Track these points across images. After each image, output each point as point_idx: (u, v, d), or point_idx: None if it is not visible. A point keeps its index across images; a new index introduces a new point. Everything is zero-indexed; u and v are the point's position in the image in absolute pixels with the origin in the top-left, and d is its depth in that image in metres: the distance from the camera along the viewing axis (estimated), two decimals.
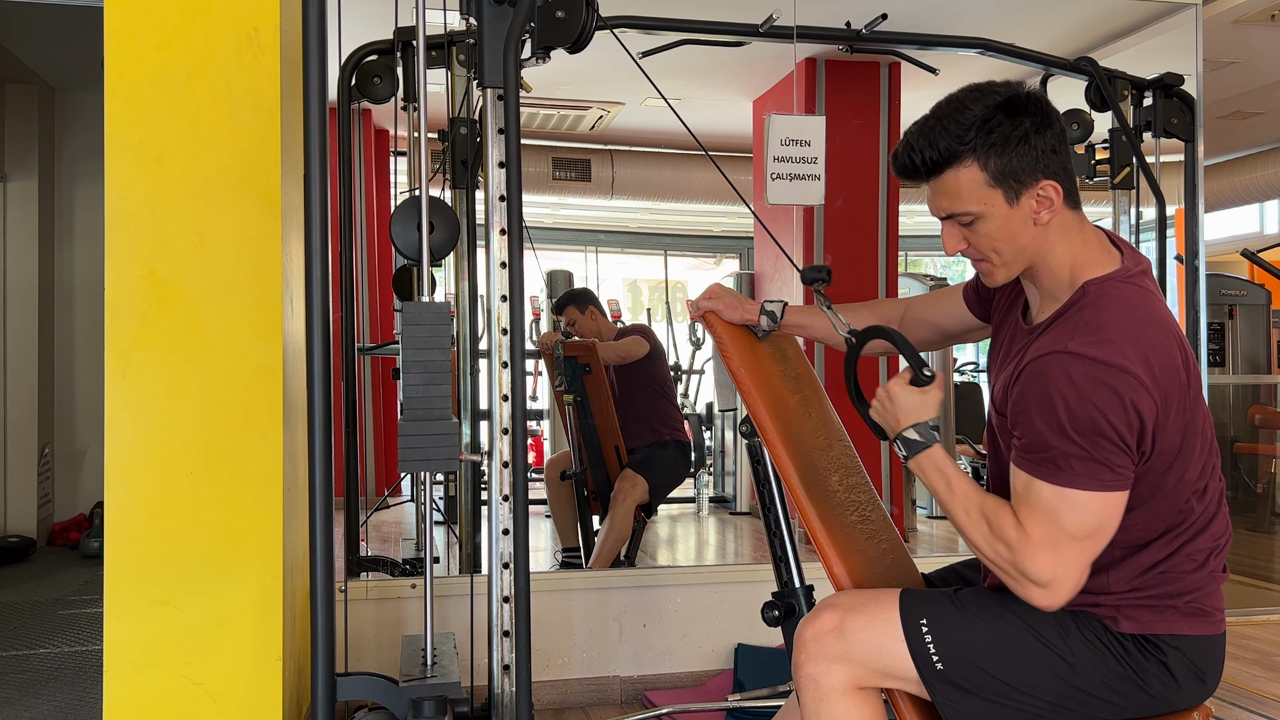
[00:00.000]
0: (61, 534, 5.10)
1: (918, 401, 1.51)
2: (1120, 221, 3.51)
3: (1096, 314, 1.40)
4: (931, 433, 1.50)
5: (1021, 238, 1.46)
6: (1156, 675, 1.45)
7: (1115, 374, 1.34)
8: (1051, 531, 1.36)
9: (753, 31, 3.19)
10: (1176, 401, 1.39)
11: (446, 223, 2.08)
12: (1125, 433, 1.34)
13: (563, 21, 2.08)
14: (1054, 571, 1.36)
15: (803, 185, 3.21)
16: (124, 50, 1.89)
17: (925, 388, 1.51)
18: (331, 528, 1.76)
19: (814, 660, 1.50)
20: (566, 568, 3.93)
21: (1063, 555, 1.36)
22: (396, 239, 2.05)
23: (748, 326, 1.81)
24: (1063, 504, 1.36)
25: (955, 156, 1.43)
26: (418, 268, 2.12)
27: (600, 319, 4.11)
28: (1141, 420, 1.35)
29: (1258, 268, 4.44)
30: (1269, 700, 2.88)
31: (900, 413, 1.51)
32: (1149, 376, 1.35)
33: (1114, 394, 1.34)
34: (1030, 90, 1.46)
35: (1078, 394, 1.34)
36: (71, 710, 2.69)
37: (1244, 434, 5.57)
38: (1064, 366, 1.36)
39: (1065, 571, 1.37)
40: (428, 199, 2.06)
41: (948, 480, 1.47)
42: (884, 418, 1.54)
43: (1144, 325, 1.39)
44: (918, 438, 1.50)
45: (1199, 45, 3.66)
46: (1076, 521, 1.36)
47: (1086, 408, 1.34)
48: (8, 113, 5.08)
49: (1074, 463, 1.35)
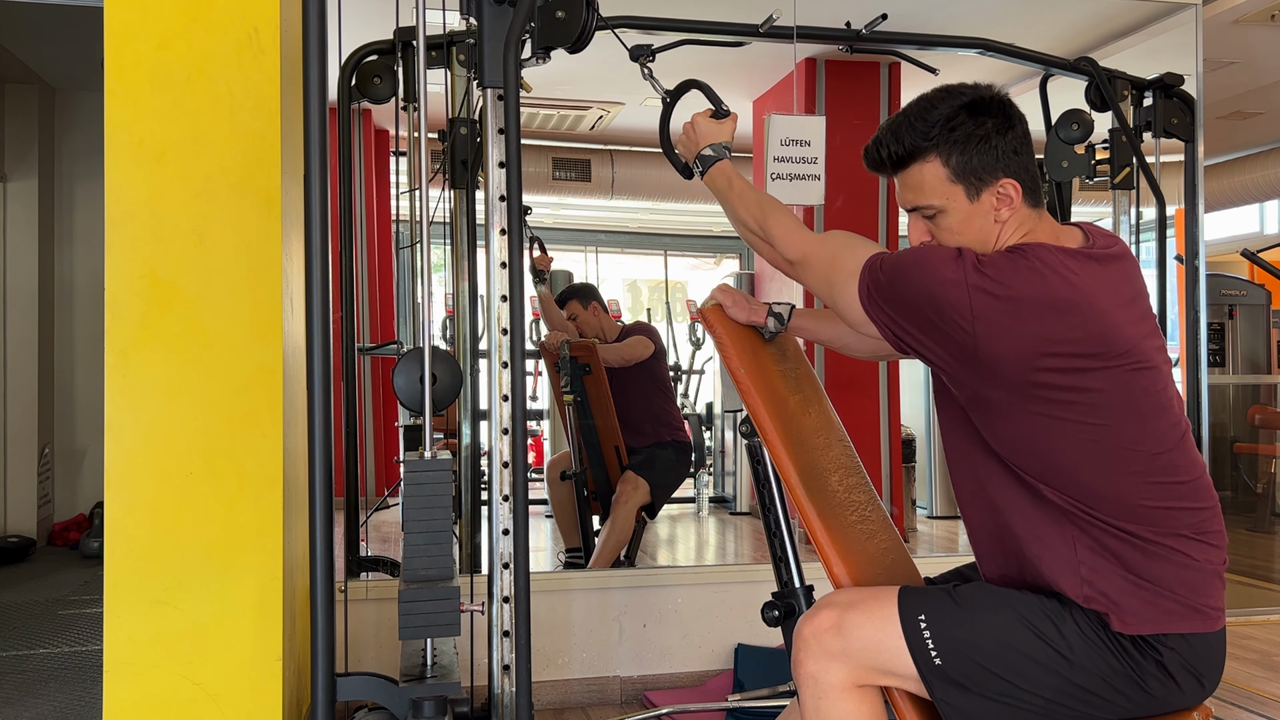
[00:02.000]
0: (61, 534, 5.10)
1: (715, 128, 1.86)
2: (1120, 221, 3.51)
3: (1000, 255, 1.47)
4: (723, 149, 1.84)
5: (980, 232, 1.53)
6: (1155, 675, 1.45)
7: (957, 287, 1.41)
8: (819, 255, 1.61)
9: (753, 31, 3.19)
10: (1017, 366, 1.41)
11: (449, 372, 2.10)
12: (913, 316, 1.45)
13: (563, 21, 2.08)
14: (799, 262, 1.64)
15: (803, 185, 3.21)
16: (124, 50, 1.89)
17: (722, 120, 1.87)
18: (331, 528, 1.76)
19: (813, 658, 1.50)
20: (570, 568, 3.93)
21: (809, 265, 1.62)
22: (399, 391, 2.07)
23: (754, 327, 1.82)
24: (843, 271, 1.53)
25: (919, 152, 1.53)
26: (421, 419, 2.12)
27: (603, 315, 4.11)
28: (940, 309, 1.42)
29: (1258, 268, 4.44)
30: (1269, 700, 2.88)
31: (700, 137, 1.86)
32: (981, 316, 1.40)
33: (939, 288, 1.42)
34: (996, 93, 1.54)
35: (926, 251, 1.49)
36: (71, 710, 2.69)
37: (1244, 434, 5.57)
38: (945, 250, 1.48)
39: (801, 272, 1.64)
40: (430, 350, 2.06)
41: (729, 180, 1.80)
42: (687, 145, 1.89)
43: (1029, 286, 1.42)
44: (712, 154, 1.84)
45: (1199, 45, 3.66)
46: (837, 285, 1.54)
47: (919, 274, 1.45)
48: (8, 113, 5.08)
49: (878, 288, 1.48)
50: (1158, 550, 1.45)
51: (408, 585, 2.00)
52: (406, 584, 2.01)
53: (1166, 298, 3.59)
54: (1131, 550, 1.45)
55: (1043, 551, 1.48)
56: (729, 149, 1.83)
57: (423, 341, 2.09)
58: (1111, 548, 1.45)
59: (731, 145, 1.84)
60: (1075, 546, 1.46)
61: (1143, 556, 1.45)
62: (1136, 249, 3.55)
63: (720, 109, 1.88)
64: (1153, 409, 1.47)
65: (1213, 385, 4.58)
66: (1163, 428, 1.48)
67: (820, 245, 1.62)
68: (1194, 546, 1.47)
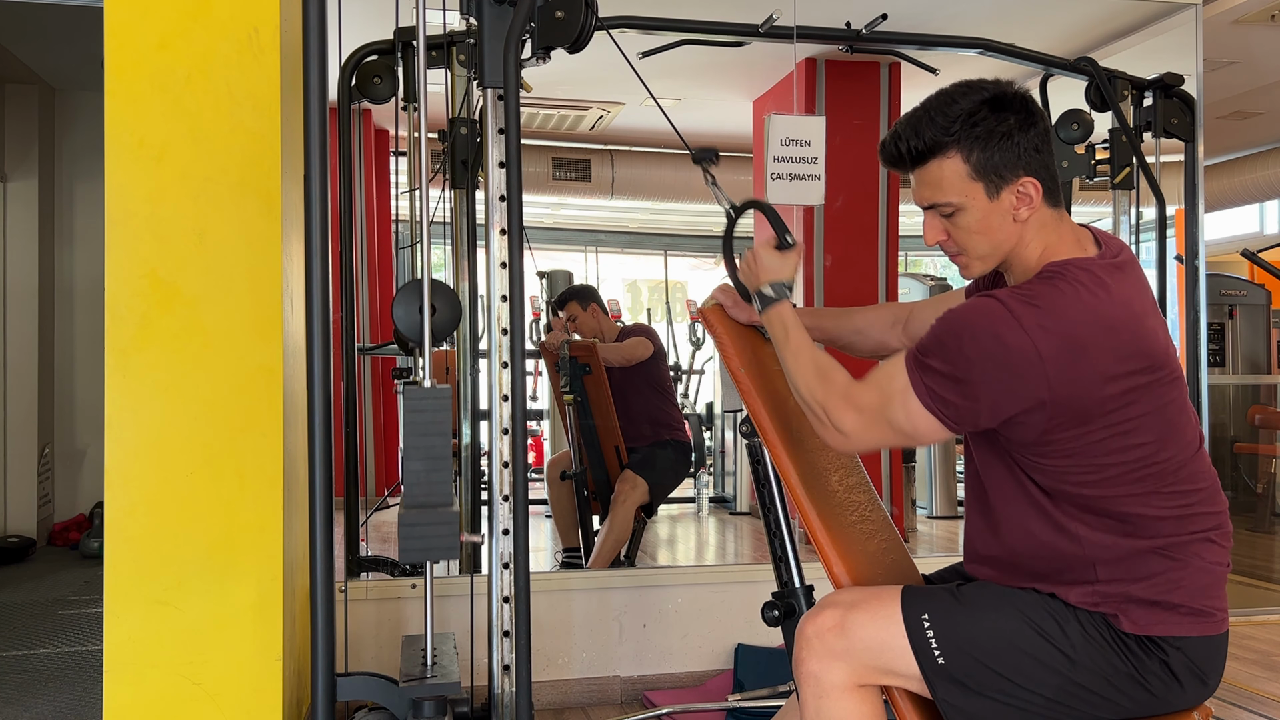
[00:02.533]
0: (61, 534, 5.10)
1: (778, 263, 1.68)
2: (1120, 221, 3.51)
3: (1041, 285, 1.43)
4: (784, 290, 1.68)
5: (999, 232, 1.49)
6: (1158, 674, 1.45)
7: (1017, 335, 1.36)
8: (875, 407, 1.47)
9: (753, 31, 3.19)
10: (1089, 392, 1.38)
11: (449, 304, 2.09)
12: (992, 386, 1.38)
13: (563, 21, 2.08)
14: (855, 432, 1.49)
15: (803, 185, 3.21)
16: (124, 50, 1.89)
17: (786, 252, 1.70)
18: (331, 528, 1.76)
19: (815, 657, 1.50)
20: (567, 568, 3.93)
21: (869, 428, 1.48)
22: (398, 321, 2.06)
23: (755, 327, 1.82)
24: (901, 399, 1.44)
25: (939, 147, 1.47)
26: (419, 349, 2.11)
27: (602, 317, 4.11)
28: (1015, 391, 1.37)
29: (1258, 268, 4.44)
30: (1269, 700, 2.88)
31: (761, 271, 1.68)
32: (1051, 354, 1.36)
33: (1005, 350, 1.36)
34: (1018, 89, 1.49)
35: (972, 328, 1.39)
36: (71, 710, 2.69)
37: (1244, 434, 5.56)
38: (984, 305, 1.41)
39: (863, 439, 1.50)
40: (430, 282, 2.06)
41: (786, 329, 1.63)
42: (747, 276, 1.71)
43: (1080, 311, 1.39)
44: (772, 294, 1.67)
45: (1199, 45, 3.66)
46: (898, 418, 1.45)
47: (978, 346, 1.38)
48: (8, 113, 5.08)
49: (934, 379, 1.41)
50: (1177, 554, 1.45)
51: (407, 510, 1.99)
52: (407, 509, 1.99)
53: (1166, 298, 3.59)
54: (1151, 556, 1.45)
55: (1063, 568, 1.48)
56: (790, 289, 1.68)
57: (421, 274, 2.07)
58: (1132, 561, 1.46)
59: (794, 282, 1.71)
60: (1096, 569, 1.47)
61: (1161, 560, 1.45)
62: (1136, 249, 3.55)
63: (785, 239, 1.70)
64: (1181, 419, 1.47)
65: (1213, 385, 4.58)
66: (1189, 435, 1.48)
67: (865, 392, 1.49)
68: (1209, 549, 1.48)
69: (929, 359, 1.42)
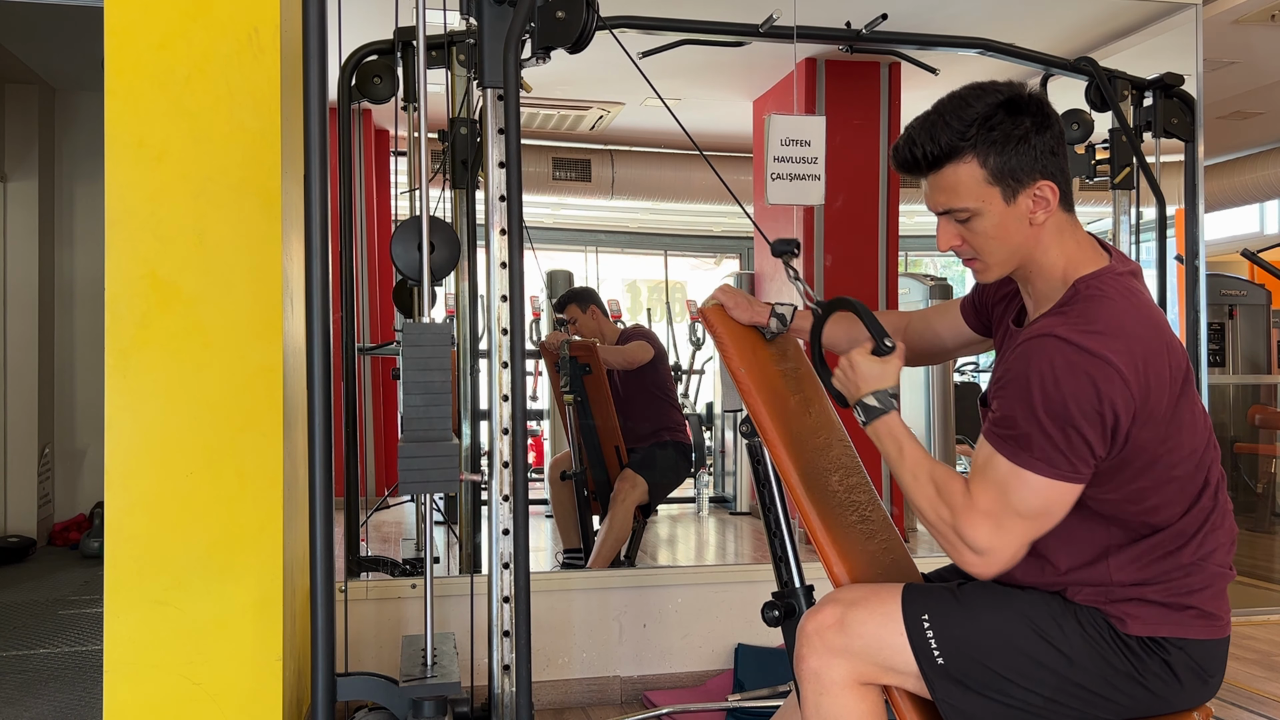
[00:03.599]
0: (61, 534, 5.10)
1: (878, 370, 1.55)
2: (1120, 221, 3.51)
3: (1089, 306, 1.41)
4: (889, 400, 1.55)
5: (1015, 237, 1.47)
6: (1158, 674, 1.45)
7: (1097, 364, 1.35)
8: (998, 504, 1.39)
9: (753, 31, 3.19)
10: (1157, 402, 1.39)
11: (447, 243, 2.08)
12: (1095, 424, 1.35)
13: (563, 21, 2.08)
14: (991, 542, 1.40)
15: (803, 185, 3.21)
16: (124, 50, 1.88)
17: (885, 357, 1.56)
18: (331, 528, 1.76)
19: (815, 654, 1.50)
20: (568, 568, 3.93)
21: (1003, 529, 1.39)
22: (397, 259, 2.05)
23: (755, 327, 1.81)
24: (1015, 481, 1.38)
25: (955, 152, 1.45)
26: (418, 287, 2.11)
27: (601, 319, 4.11)
28: (1116, 416, 1.36)
29: (1258, 268, 4.44)
30: (1269, 700, 2.88)
31: (861, 380, 1.56)
32: (1132, 373, 1.35)
33: (1092, 384, 1.34)
34: (1032, 91, 1.48)
35: (1055, 378, 1.35)
36: (71, 710, 2.69)
37: (1244, 434, 5.56)
38: (1047, 349, 1.37)
39: (1003, 544, 1.40)
40: (428, 219, 2.05)
41: (899, 445, 1.52)
42: (845, 385, 1.59)
43: (1135, 323, 1.40)
44: (876, 404, 1.55)
45: (1199, 45, 3.66)
46: (1024, 501, 1.38)
47: (1061, 393, 1.35)
48: (8, 113, 5.08)
49: (1036, 445, 1.36)
50: (1184, 554, 1.46)
51: (407, 443, 1.98)
52: (405, 442, 1.99)
53: (1167, 298, 3.59)
54: (1160, 556, 1.46)
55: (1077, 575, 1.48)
56: (896, 399, 1.57)
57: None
58: (1145, 565, 1.46)
59: (898, 390, 1.64)
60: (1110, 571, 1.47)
61: (1167, 560, 1.46)
62: (1137, 249, 3.56)
63: (884, 345, 1.56)
64: (1195, 418, 1.47)
65: (1213, 385, 4.59)
66: (1199, 439, 1.48)
67: (983, 493, 1.41)
68: (1215, 548, 1.48)
69: (1017, 428, 1.37)
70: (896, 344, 1.57)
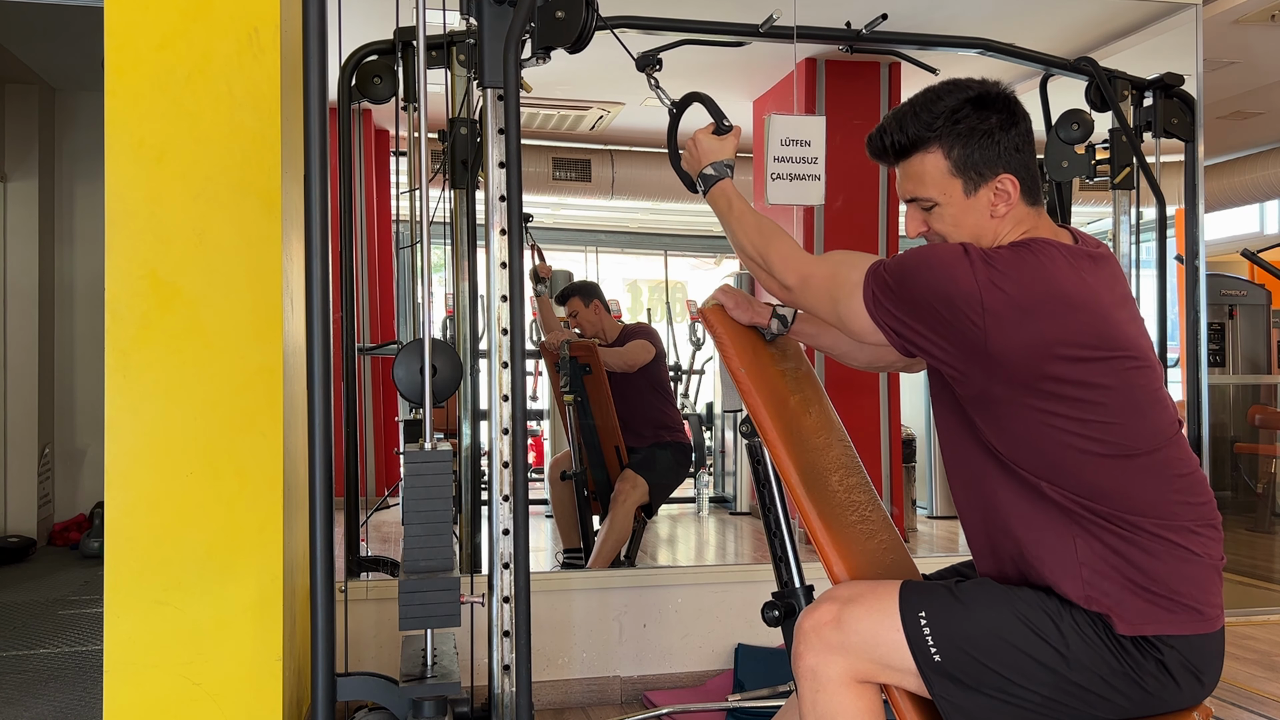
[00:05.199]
0: (61, 534, 5.10)
1: (717, 145, 1.81)
2: (1120, 221, 3.51)
3: (1006, 249, 1.48)
4: (725, 169, 1.80)
5: (976, 227, 1.55)
6: (1153, 673, 1.45)
7: (967, 279, 1.42)
8: (822, 279, 1.57)
9: (753, 31, 3.19)
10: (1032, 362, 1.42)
11: (449, 365, 2.10)
12: (926, 316, 1.44)
13: (563, 21, 2.08)
14: (797, 290, 1.60)
15: (803, 185, 3.21)
16: (124, 50, 1.89)
17: (724, 136, 1.83)
18: (331, 528, 1.76)
19: (812, 651, 1.51)
20: (568, 568, 3.93)
21: (810, 291, 1.59)
22: (399, 382, 2.07)
23: (755, 327, 1.81)
24: (847, 289, 1.51)
25: (922, 142, 1.54)
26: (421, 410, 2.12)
27: (603, 315, 4.11)
28: (951, 304, 1.42)
29: (1258, 268, 4.44)
30: (1269, 700, 2.88)
31: (702, 154, 1.81)
32: (992, 312, 1.40)
33: (950, 285, 1.42)
34: (1003, 89, 1.55)
35: (931, 261, 1.46)
36: (71, 710, 2.69)
37: (1244, 434, 5.56)
38: (951, 246, 1.49)
39: (804, 299, 1.60)
40: (430, 341, 2.06)
41: (729, 200, 1.76)
42: (690, 161, 1.84)
43: (1035, 283, 1.43)
44: (713, 173, 1.80)
45: (1199, 45, 3.66)
46: (841, 303, 1.52)
47: (928, 271, 1.45)
48: (8, 113, 5.08)
49: (884, 290, 1.47)
50: (1159, 546, 1.46)
51: (408, 576, 2.00)
52: (407, 575, 2.01)
53: (1166, 298, 3.59)
54: (1133, 548, 1.45)
55: (1044, 554, 1.49)
56: (731, 167, 1.81)
57: (423, 334, 2.09)
58: (1113, 546, 1.46)
59: (734, 162, 1.82)
60: (1075, 547, 1.47)
61: (1145, 554, 1.45)
62: (1136, 249, 3.56)
63: (722, 124, 1.84)
64: (1150, 404, 1.49)
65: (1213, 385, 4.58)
66: (1160, 423, 1.49)
67: (819, 265, 1.60)
68: (1195, 540, 1.48)
69: (888, 274, 1.48)
70: (734, 125, 1.84)
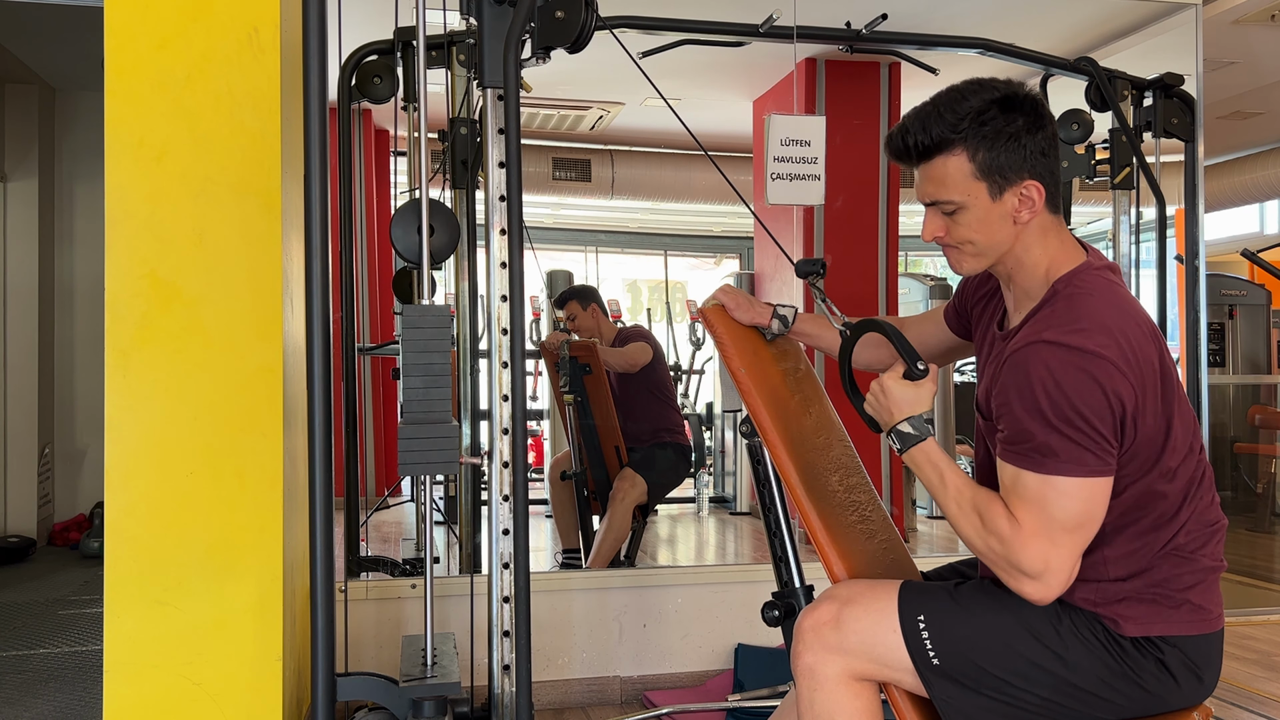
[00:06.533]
0: (61, 534, 5.10)
1: (911, 395, 1.52)
2: (1120, 221, 3.51)
3: (1070, 305, 1.43)
4: (925, 426, 1.52)
5: (999, 233, 1.49)
6: (1154, 673, 1.45)
7: (1092, 360, 1.36)
8: (1042, 521, 1.38)
9: (753, 31, 3.19)
10: (1152, 388, 1.41)
11: (447, 225, 2.08)
12: (1106, 418, 1.37)
13: (563, 21, 2.08)
14: (1046, 562, 1.38)
15: (803, 185, 3.21)
16: (124, 50, 1.88)
17: (918, 381, 1.53)
18: (331, 528, 1.76)
19: (811, 650, 1.51)
20: (567, 569, 3.93)
21: (1055, 545, 1.38)
22: (396, 242, 2.05)
23: (756, 328, 1.81)
24: (1050, 492, 1.38)
25: (946, 144, 1.47)
26: (418, 270, 2.12)
27: (601, 317, 4.12)
28: (1122, 405, 1.38)
29: (1258, 268, 4.44)
30: (1269, 700, 2.88)
31: (894, 406, 1.53)
32: (1125, 363, 1.37)
33: (1093, 380, 1.36)
34: (1029, 91, 1.49)
35: (1056, 382, 1.36)
36: (71, 710, 2.69)
37: (1244, 434, 5.56)
38: (1041, 356, 1.39)
39: (1058, 562, 1.38)
40: (428, 202, 2.05)
41: (940, 474, 1.49)
42: (878, 411, 1.56)
43: (1116, 314, 1.42)
44: (912, 431, 1.51)
45: (1199, 45, 3.66)
46: (1064, 509, 1.38)
47: (1066, 395, 1.36)
48: (8, 113, 5.08)
49: (1057, 450, 1.37)
50: (1173, 547, 1.46)
51: (406, 425, 1.98)
52: (405, 424, 1.99)
53: (1166, 298, 3.59)
54: (1148, 550, 1.46)
55: None
56: (931, 424, 1.59)
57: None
58: (1129, 549, 1.46)
59: (932, 415, 1.61)
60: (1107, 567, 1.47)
61: (1157, 555, 1.46)
62: (1136, 249, 3.56)
63: (915, 369, 1.53)
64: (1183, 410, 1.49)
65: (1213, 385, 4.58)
66: (1189, 423, 1.50)
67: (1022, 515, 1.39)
68: (1204, 542, 1.49)
69: (1034, 439, 1.37)
70: (928, 366, 1.53)
